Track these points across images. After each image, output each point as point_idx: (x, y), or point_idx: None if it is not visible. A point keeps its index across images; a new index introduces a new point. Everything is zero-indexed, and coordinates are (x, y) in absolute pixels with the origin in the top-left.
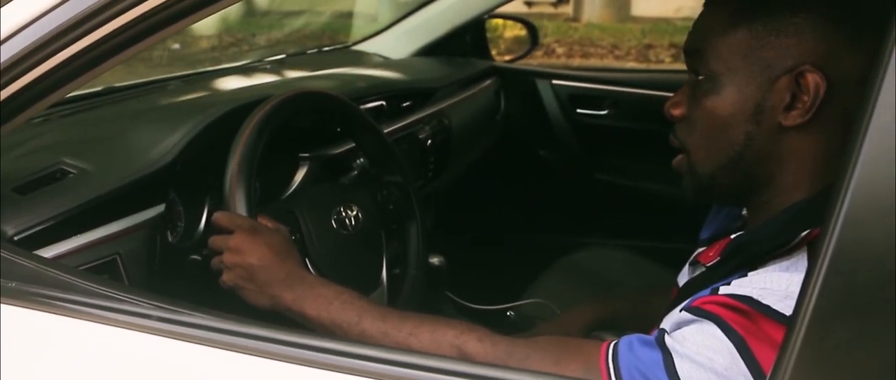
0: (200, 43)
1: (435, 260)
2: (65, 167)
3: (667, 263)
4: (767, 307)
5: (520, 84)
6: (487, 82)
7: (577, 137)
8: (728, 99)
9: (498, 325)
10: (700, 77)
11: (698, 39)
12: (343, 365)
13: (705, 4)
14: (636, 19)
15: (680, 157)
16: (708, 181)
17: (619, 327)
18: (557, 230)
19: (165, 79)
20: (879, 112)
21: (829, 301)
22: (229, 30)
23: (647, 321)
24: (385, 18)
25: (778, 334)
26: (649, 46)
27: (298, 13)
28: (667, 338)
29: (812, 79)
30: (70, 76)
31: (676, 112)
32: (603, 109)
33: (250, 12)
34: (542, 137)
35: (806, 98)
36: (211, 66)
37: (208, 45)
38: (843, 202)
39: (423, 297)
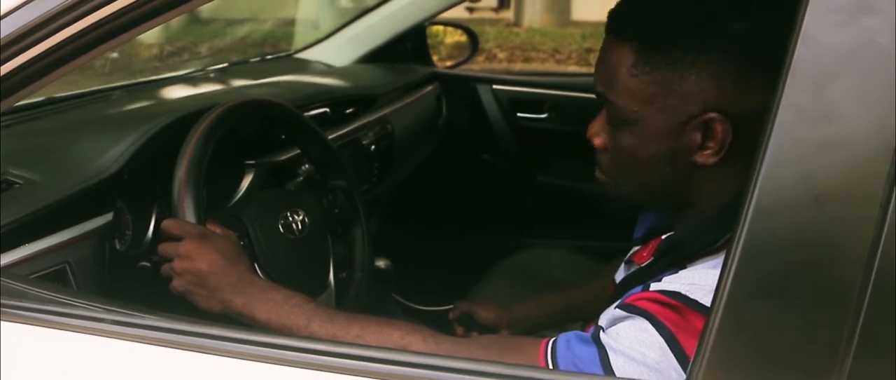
0: (141, 52)
1: (381, 263)
2: (10, 178)
3: (606, 261)
4: (695, 302)
5: (461, 89)
6: (429, 88)
7: (517, 141)
8: (642, 143)
9: (443, 325)
10: (615, 116)
11: (605, 83)
12: (296, 360)
13: (606, 36)
14: (576, 24)
15: (602, 174)
16: (632, 200)
17: (557, 324)
18: (500, 232)
19: (108, 88)
20: (782, 115)
21: (741, 286)
22: (170, 39)
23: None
24: (326, 26)
25: None
26: (589, 50)
27: (240, 21)
28: (602, 335)
29: (718, 126)
30: (64, 59)
31: (597, 142)
32: (543, 113)
33: (192, 20)
34: (484, 140)
35: (714, 141)
36: (152, 75)
37: (148, 54)
38: (752, 197)
39: (370, 299)
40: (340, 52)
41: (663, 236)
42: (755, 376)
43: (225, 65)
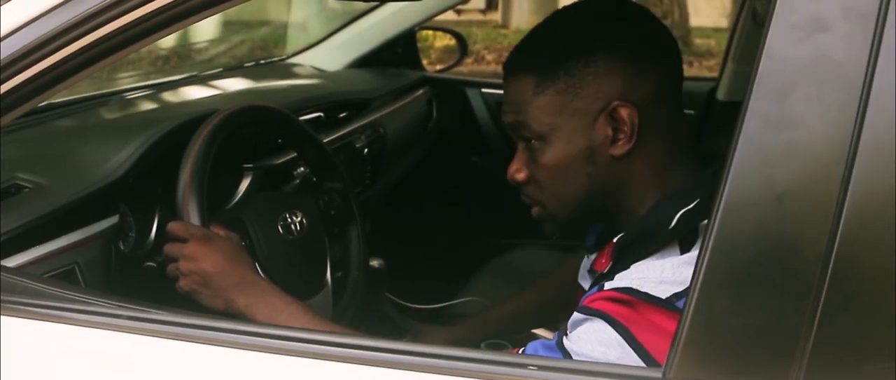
0: (132, 57)
1: (375, 263)
2: (20, 182)
3: None
4: (645, 294)
5: (451, 93)
6: (419, 92)
7: (507, 143)
8: (562, 151)
9: (433, 323)
10: (531, 141)
11: (514, 112)
12: (300, 350)
13: (505, 79)
14: None
15: (536, 209)
16: (569, 221)
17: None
18: (490, 232)
19: (106, 94)
20: (748, 121)
21: (712, 277)
22: (161, 43)
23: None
24: (316, 29)
25: (657, 317)
26: None
27: (230, 26)
28: (565, 340)
29: (624, 112)
30: (68, 74)
31: (520, 177)
32: None
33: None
34: (474, 143)
35: (626, 128)
36: (147, 80)
37: (140, 59)
38: (721, 197)
39: (365, 297)
40: (332, 56)
41: (614, 240)
42: (725, 361)
43: (219, 69)
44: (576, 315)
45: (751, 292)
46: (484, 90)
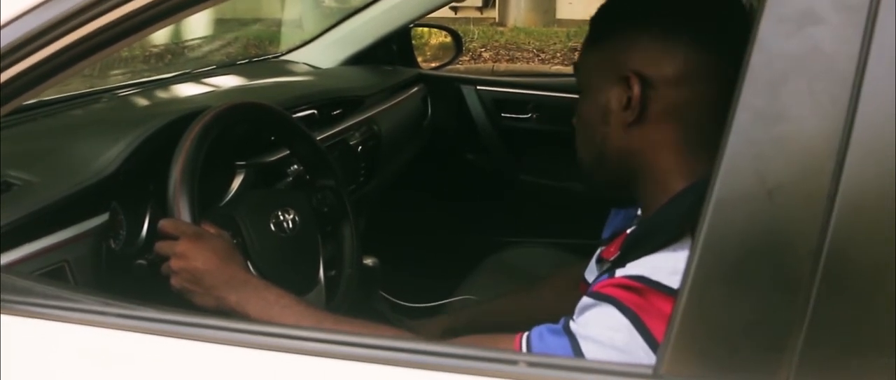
0: (124, 54)
1: (368, 261)
2: (9, 179)
3: (588, 258)
4: (657, 283)
5: (446, 90)
6: (414, 89)
7: (502, 141)
8: (587, 107)
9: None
10: (580, 92)
11: (576, 62)
12: (290, 347)
13: None
14: (561, 22)
15: (579, 156)
16: (589, 174)
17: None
18: (485, 230)
19: (98, 91)
20: (739, 115)
21: (703, 272)
22: (153, 40)
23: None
24: (310, 26)
25: (667, 306)
26: (574, 49)
27: (224, 23)
28: (572, 324)
29: (634, 82)
30: (57, 69)
31: (574, 123)
32: (526, 113)
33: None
34: (469, 140)
35: (633, 99)
36: (139, 77)
37: (132, 57)
38: (712, 191)
39: (359, 295)
40: (326, 54)
41: (627, 231)
42: (716, 356)
43: (212, 67)
44: (584, 300)
45: (742, 286)
46: (479, 87)
